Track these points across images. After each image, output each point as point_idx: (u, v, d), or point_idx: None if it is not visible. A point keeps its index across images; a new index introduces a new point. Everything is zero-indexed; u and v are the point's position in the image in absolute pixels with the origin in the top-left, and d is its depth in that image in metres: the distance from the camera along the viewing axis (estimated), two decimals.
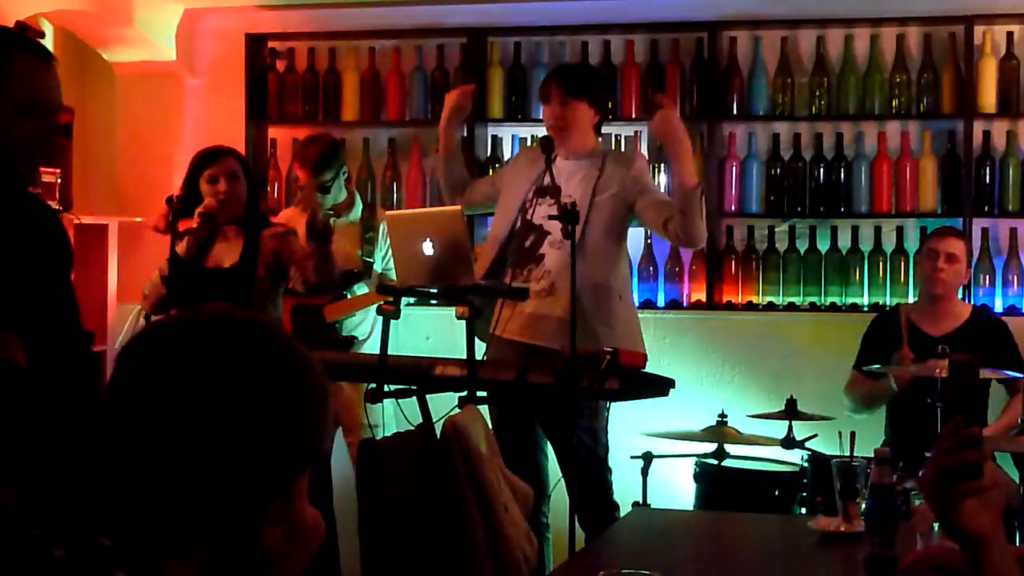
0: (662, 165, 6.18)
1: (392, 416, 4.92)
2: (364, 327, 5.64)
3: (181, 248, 4.91)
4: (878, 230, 6.16)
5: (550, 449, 5.18)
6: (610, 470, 5.09)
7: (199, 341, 1.46)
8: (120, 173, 6.77)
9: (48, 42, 6.37)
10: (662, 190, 5.60)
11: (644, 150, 6.28)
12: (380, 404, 4.94)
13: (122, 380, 1.46)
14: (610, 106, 6.23)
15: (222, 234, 5.03)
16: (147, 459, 1.42)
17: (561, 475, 4.95)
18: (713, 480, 5.04)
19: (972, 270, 5.79)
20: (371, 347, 5.46)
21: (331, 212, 5.51)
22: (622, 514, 4.85)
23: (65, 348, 3.12)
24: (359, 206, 5.74)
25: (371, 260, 5.63)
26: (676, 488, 5.60)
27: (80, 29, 6.58)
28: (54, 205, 5.75)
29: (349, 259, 5.55)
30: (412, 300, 5.43)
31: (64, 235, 3.21)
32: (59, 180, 5.79)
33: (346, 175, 5.68)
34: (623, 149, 6.23)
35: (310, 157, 5.53)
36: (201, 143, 5.42)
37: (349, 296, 5.59)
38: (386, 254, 5.54)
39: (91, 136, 6.57)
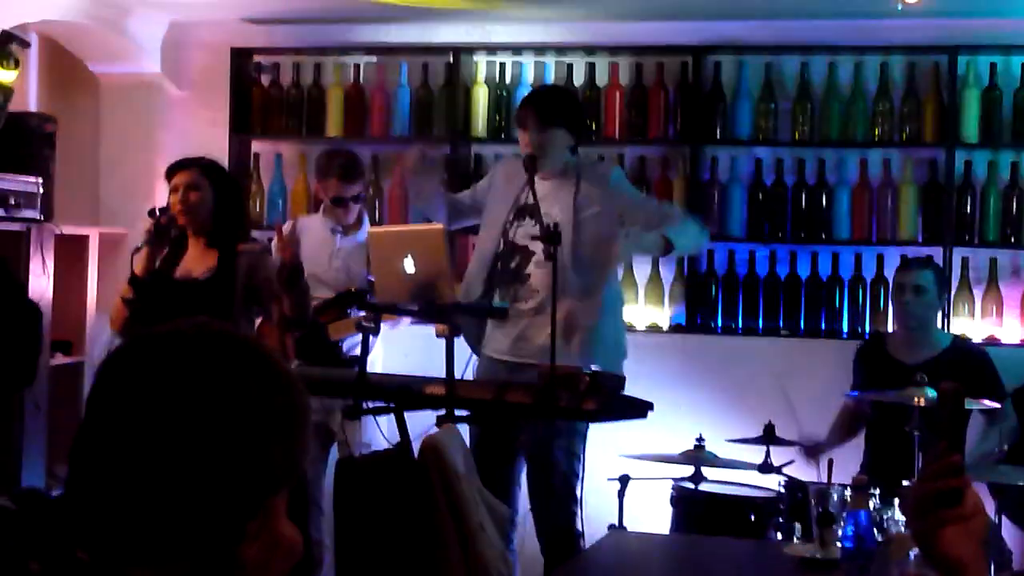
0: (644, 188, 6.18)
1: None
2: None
3: (141, 266, 4.87)
4: (859, 257, 6.16)
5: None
6: (576, 500, 5.00)
7: (178, 356, 1.45)
8: (103, 184, 6.76)
9: (33, 52, 6.37)
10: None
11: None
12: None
13: (100, 393, 1.46)
14: (593, 127, 6.25)
15: (190, 244, 4.99)
16: (123, 473, 1.41)
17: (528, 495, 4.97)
18: (690, 504, 5.03)
19: (951, 299, 5.79)
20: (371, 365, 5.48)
21: (342, 228, 5.60)
22: (599, 536, 4.83)
23: None
24: (366, 225, 5.74)
25: None
26: (653, 511, 5.59)
27: (66, 39, 6.56)
28: (35, 215, 5.73)
29: (355, 279, 5.51)
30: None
31: None
32: (41, 190, 5.76)
33: (368, 193, 5.71)
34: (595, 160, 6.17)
35: (338, 168, 5.56)
36: (184, 155, 5.38)
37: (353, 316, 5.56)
38: None
39: (74, 146, 6.54)
